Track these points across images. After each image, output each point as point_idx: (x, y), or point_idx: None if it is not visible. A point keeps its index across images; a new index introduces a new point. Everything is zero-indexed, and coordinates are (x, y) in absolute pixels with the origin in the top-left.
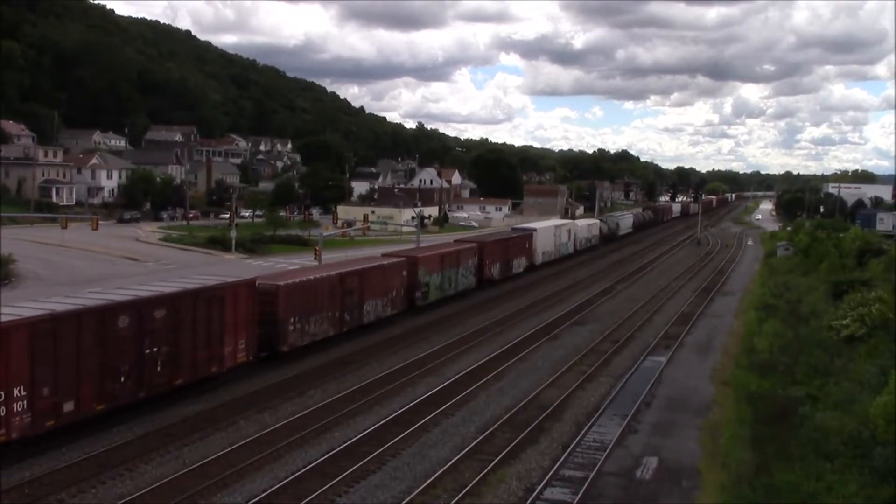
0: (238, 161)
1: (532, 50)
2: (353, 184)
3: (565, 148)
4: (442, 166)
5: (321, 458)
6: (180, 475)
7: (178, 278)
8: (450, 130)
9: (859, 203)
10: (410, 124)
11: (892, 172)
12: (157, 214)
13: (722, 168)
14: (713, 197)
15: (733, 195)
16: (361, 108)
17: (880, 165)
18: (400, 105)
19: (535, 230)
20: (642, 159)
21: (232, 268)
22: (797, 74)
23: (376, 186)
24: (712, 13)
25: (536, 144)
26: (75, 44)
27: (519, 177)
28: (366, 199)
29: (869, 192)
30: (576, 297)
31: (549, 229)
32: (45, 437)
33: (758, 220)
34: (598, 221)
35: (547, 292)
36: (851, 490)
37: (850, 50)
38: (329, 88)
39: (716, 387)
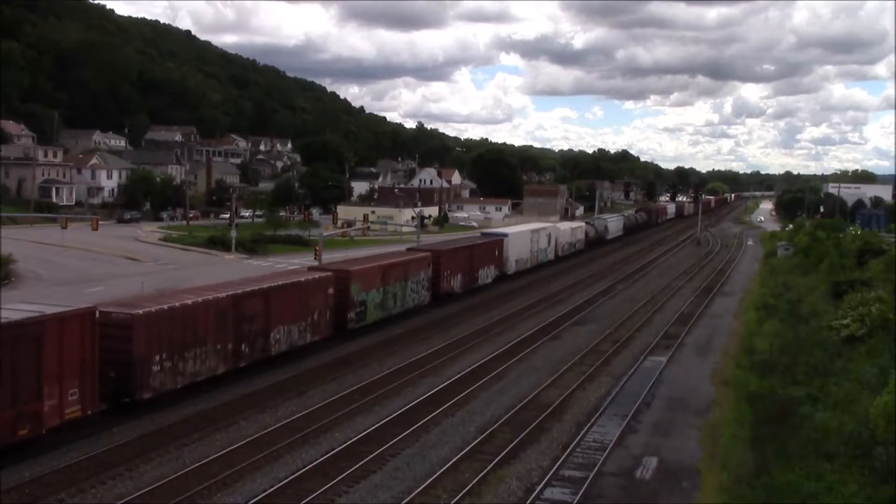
0: (238, 161)
1: (532, 50)
2: (353, 184)
3: (565, 148)
4: (442, 166)
5: (321, 458)
6: (180, 475)
7: None
8: (450, 130)
9: (859, 203)
10: (410, 124)
11: (892, 172)
12: (157, 214)
13: (722, 168)
14: (711, 197)
15: (732, 195)
16: (361, 108)
17: (880, 165)
18: (400, 105)
19: (506, 235)
20: (642, 159)
21: (232, 268)
22: (797, 74)
23: (376, 186)
24: (712, 13)
25: (536, 144)
26: (75, 44)
27: (519, 177)
28: (366, 199)
29: (869, 192)
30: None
31: (524, 234)
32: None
33: (760, 221)
34: (583, 225)
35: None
36: (851, 490)
37: (850, 50)
38: (329, 88)
39: (716, 387)
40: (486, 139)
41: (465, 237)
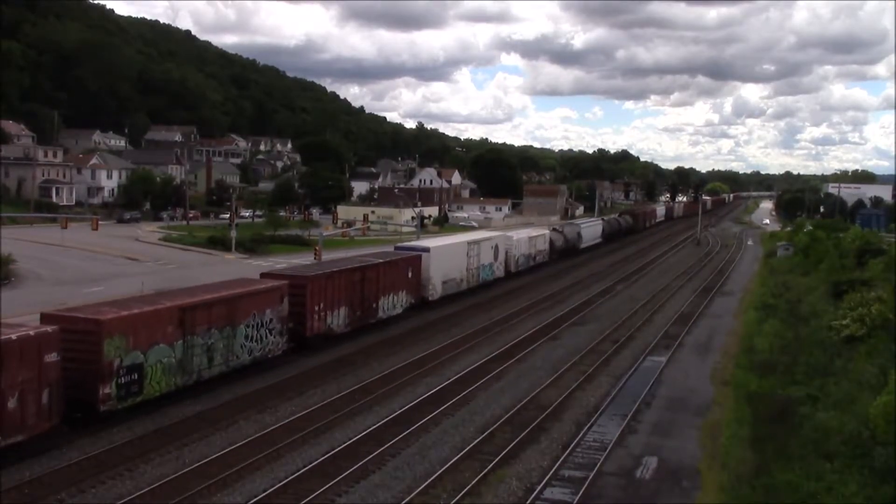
0: (238, 161)
1: (532, 50)
2: (353, 184)
3: (565, 148)
4: (442, 166)
5: (321, 458)
6: (180, 475)
7: None
8: (450, 130)
9: (859, 203)
10: (410, 124)
11: (892, 172)
12: (157, 214)
13: (722, 168)
14: (708, 198)
15: (731, 196)
16: (361, 108)
17: (880, 165)
18: (400, 105)
19: (427, 250)
20: (642, 159)
21: (231, 268)
22: (797, 74)
23: (376, 186)
24: (712, 13)
25: (536, 144)
26: (75, 44)
27: (519, 177)
28: (366, 199)
29: (869, 192)
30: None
31: (455, 248)
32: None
33: (766, 223)
34: (546, 232)
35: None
36: (851, 490)
37: (850, 50)
38: (329, 88)
39: (716, 387)
40: (486, 139)
41: (365, 254)
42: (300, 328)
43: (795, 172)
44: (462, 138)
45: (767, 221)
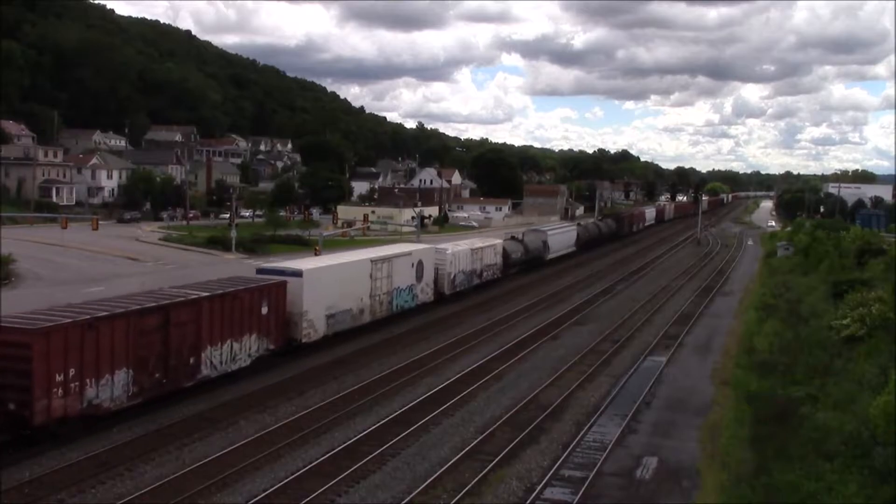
0: (238, 161)
1: (533, 50)
2: (353, 184)
3: (565, 148)
4: (442, 166)
5: (321, 458)
6: (180, 475)
7: None
8: (450, 130)
9: (859, 203)
10: (411, 124)
11: (892, 172)
12: (157, 214)
13: (722, 168)
14: (704, 198)
15: (729, 196)
16: (361, 108)
17: (880, 165)
18: (400, 105)
19: (299, 274)
20: (642, 159)
21: (232, 268)
22: (797, 74)
23: (376, 186)
24: (713, 13)
25: (536, 144)
26: (75, 44)
27: (519, 177)
28: (366, 199)
29: (869, 192)
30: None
31: (347, 269)
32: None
33: (771, 226)
34: (497, 242)
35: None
36: (851, 490)
37: (850, 50)
38: (329, 88)
39: (716, 387)
40: (487, 139)
41: (187, 284)
42: (23, 411)
43: (795, 172)
44: (462, 138)
45: (773, 224)
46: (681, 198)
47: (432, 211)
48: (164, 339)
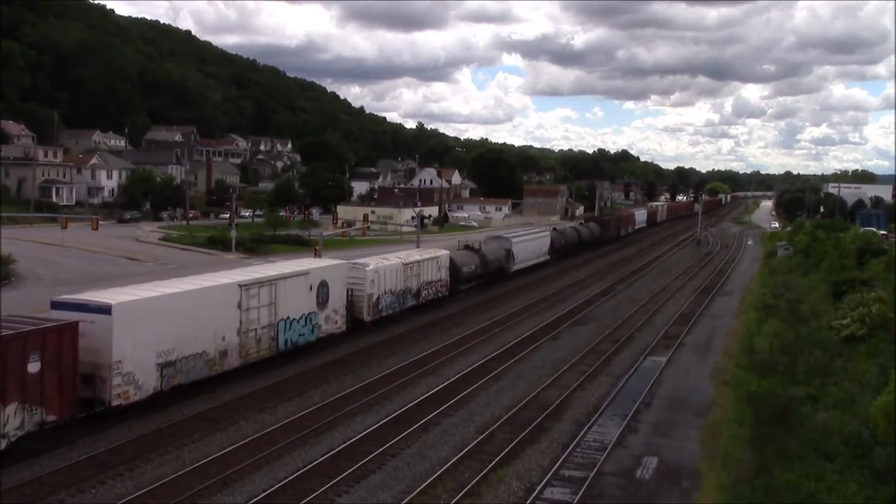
0: (238, 161)
1: (533, 50)
2: (353, 184)
3: (565, 148)
4: (442, 166)
5: (321, 458)
6: (180, 475)
7: None
8: (450, 130)
9: (859, 203)
10: (411, 124)
11: (892, 172)
12: (157, 214)
13: (722, 168)
14: (704, 198)
15: (728, 196)
16: (361, 108)
17: (880, 165)
18: (400, 105)
19: (107, 310)
20: (642, 159)
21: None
22: (797, 74)
23: (376, 186)
24: (713, 13)
25: (536, 144)
26: (75, 44)
27: (519, 177)
28: (366, 199)
29: (869, 192)
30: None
31: (190, 297)
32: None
33: (774, 227)
34: (442, 253)
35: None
36: (851, 490)
37: (851, 50)
38: (330, 88)
39: (716, 387)
40: (487, 139)
41: None
42: None
43: (795, 172)
44: (462, 138)
45: (776, 225)
46: (681, 198)
47: (432, 211)
48: None
